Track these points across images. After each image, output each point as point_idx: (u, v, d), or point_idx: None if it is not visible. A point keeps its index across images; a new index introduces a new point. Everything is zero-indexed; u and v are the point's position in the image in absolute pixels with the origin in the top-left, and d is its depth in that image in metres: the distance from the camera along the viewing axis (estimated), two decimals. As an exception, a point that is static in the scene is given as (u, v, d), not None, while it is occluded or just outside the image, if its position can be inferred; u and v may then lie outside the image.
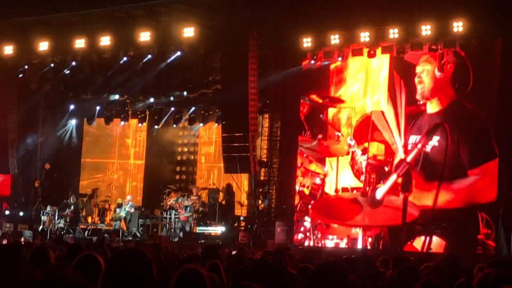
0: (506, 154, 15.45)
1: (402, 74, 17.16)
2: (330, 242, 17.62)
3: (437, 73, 16.49)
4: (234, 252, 11.36)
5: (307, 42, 17.82)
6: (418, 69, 16.74)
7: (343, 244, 17.36)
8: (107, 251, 7.89)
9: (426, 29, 16.13)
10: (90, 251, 6.62)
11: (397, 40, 16.71)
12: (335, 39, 17.42)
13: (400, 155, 16.65)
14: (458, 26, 15.77)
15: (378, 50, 17.24)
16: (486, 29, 15.82)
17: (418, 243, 16.25)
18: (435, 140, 16.27)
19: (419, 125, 16.64)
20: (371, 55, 17.37)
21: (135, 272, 3.54)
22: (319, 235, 17.77)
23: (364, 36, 16.99)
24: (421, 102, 16.73)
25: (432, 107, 16.63)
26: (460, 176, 15.82)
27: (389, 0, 15.86)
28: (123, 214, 20.58)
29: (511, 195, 14.99)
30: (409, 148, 16.47)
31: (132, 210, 20.61)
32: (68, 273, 3.27)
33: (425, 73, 16.64)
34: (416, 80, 16.69)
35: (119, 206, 20.93)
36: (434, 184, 16.06)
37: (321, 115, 18.48)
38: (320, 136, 18.32)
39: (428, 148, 16.29)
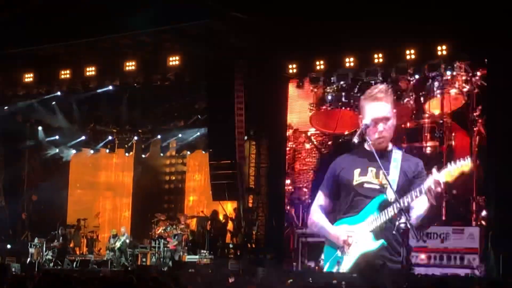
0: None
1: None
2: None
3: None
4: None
5: (292, 68, 17.89)
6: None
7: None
8: None
9: (410, 54, 16.24)
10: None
11: (382, 65, 16.78)
12: (320, 65, 17.49)
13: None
14: (442, 50, 15.88)
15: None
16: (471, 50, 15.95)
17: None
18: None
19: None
20: (356, 80, 17.42)
21: None
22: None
23: (349, 61, 17.07)
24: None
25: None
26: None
27: (373, 26, 15.92)
28: (118, 244, 20.43)
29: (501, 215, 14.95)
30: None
31: (127, 241, 20.50)
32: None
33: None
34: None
35: (114, 236, 20.78)
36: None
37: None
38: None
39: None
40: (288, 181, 18.73)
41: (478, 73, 16.32)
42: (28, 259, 20.42)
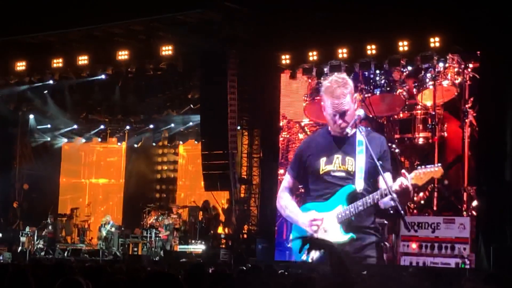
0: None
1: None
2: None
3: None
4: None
5: (285, 59, 17.88)
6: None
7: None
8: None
9: (403, 45, 16.24)
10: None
11: (375, 56, 16.77)
12: (313, 56, 17.48)
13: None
14: (435, 42, 15.89)
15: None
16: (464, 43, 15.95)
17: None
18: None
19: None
20: (349, 71, 17.40)
21: None
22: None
23: (342, 52, 17.06)
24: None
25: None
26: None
27: (366, 18, 15.93)
28: (103, 233, 20.46)
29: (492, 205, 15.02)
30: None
31: (113, 229, 20.49)
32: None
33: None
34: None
35: (102, 226, 20.79)
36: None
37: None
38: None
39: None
40: (281, 171, 18.75)
41: (470, 65, 16.36)
42: (20, 248, 20.42)
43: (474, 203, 15.58)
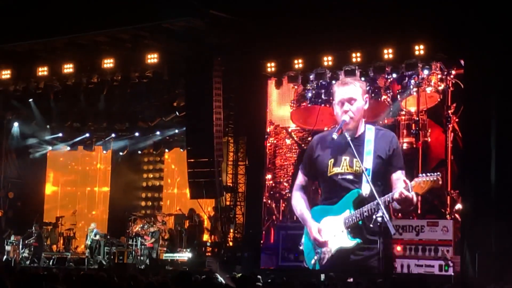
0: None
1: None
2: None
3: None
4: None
5: (271, 67, 17.93)
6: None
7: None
8: None
9: (388, 53, 16.34)
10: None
11: (360, 64, 16.85)
12: (298, 63, 17.55)
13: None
14: (419, 50, 15.98)
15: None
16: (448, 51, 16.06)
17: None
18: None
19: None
20: (334, 78, 17.48)
21: None
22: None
23: (327, 60, 17.14)
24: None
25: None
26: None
27: (351, 25, 16.02)
28: (88, 242, 20.41)
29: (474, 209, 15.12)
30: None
31: (97, 237, 20.43)
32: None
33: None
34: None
35: (88, 233, 20.74)
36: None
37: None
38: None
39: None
40: (269, 176, 18.80)
41: (453, 72, 16.51)
42: (5, 257, 20.32)
43: (457, 206, 15.73)
